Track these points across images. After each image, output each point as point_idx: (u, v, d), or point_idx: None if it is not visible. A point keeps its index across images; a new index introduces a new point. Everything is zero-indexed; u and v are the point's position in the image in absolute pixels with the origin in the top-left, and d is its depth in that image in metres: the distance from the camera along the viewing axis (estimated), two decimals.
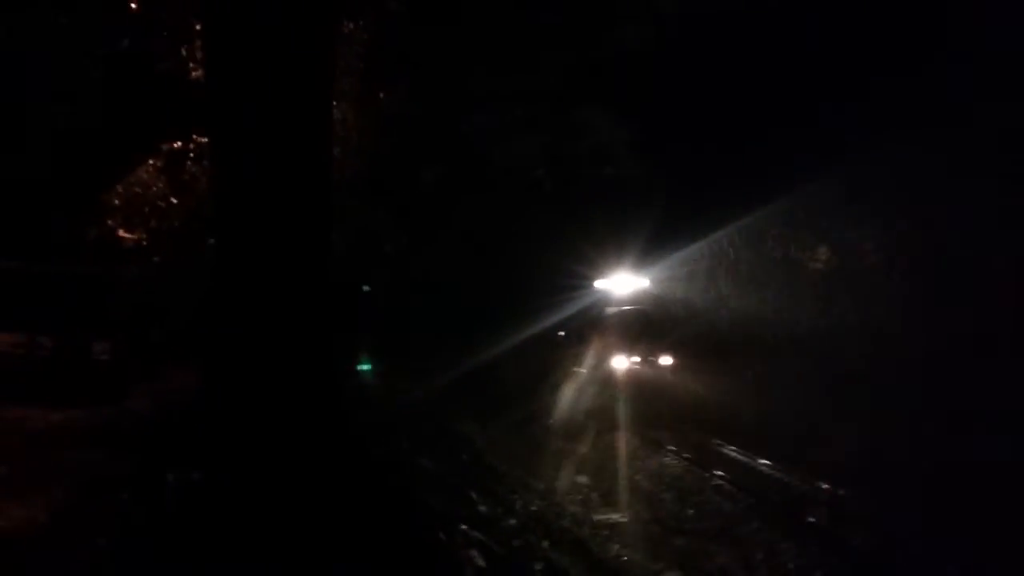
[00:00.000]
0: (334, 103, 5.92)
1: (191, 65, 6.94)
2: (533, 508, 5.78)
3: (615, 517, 6.16)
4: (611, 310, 12.07)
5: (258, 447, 4.00)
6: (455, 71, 7.80)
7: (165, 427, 5.63)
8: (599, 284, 12.11)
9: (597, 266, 12.00)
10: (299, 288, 4.43)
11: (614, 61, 9.12)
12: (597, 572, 5.04)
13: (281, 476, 3.99)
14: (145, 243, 7.90)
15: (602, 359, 11.09)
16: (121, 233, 7.91)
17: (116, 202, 8.00)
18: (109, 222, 8.00)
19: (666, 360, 10.99)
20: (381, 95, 7.49)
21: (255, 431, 4.02)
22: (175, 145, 7.58)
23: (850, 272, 10.14)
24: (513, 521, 5.28)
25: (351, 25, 6.84)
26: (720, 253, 11.52)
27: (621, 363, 10.84)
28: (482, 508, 5.30)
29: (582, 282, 11.99)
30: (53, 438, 5.65)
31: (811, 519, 6.23)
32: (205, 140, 6.88)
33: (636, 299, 12.06)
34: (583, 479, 7.23)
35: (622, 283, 12.03)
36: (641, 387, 10.40)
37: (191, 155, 7.51)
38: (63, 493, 4.66)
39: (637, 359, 11.01)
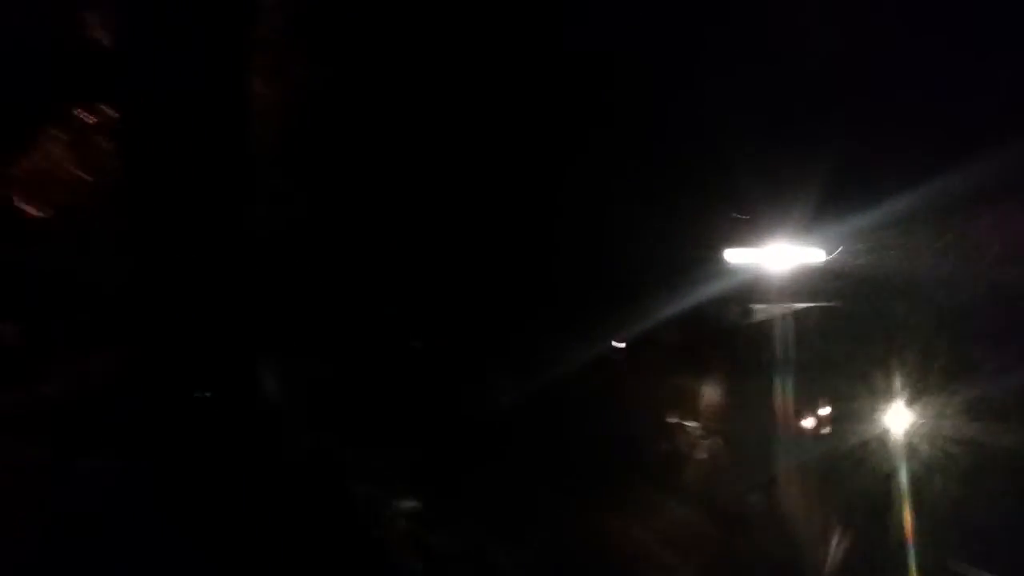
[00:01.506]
0: (253, 78, 5.75)
1: (98, 34, 6.62)
2: None
3: None
4: (761, 309, 6.49)
5: (176, 433, 3.98)
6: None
7: (82, 413, 5.50)
8: (732, 256, 6.51)
9: (726, 225, 6.34)
10: (216, 270, 4.38)
11: None
12: None
13: (200, 464, 3.99)
14: (56, 221, 7.55)
15: (763, 421, 5.72)
16: (27, 209, 7.54)
17: (18, 175, 7.60)
18: (12, 196, 7.60)
19: (916, 419, 5.55)
20: (304, 68, 7.29)
21: (174, 417, 4.00)
22: (87, 120, 7.24)
23: None
24: None
25: None
26: None
27: (807, 424, 5.52)
28: None
29: (697, 254, 6.39)
30: None
31: None
32: (115, 115, 6.61)
33: (810, 287, 6.23)
34: None
35: (777, 256, 6.41)
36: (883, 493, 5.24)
37: (103, 130, 7.20)
38: None
39: (841, 418, 5.55)
